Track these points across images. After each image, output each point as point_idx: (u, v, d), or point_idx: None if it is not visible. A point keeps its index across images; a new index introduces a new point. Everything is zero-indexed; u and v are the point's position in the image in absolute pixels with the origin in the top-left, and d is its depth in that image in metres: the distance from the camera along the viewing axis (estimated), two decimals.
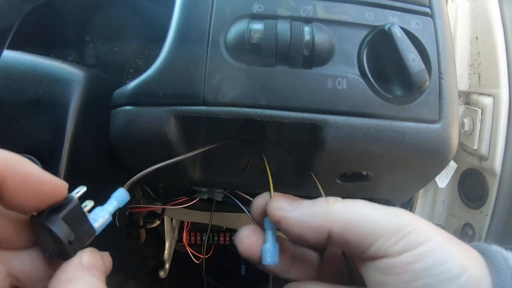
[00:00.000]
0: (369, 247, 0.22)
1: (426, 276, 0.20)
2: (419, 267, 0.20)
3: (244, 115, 0.25)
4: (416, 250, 0.21)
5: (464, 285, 0.19)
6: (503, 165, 0.52)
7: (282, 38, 0.24)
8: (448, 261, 0.20)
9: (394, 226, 0.21)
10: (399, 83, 0.25)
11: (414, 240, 0.21)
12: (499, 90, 0.51)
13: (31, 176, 0.18)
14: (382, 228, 0.22)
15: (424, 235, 0.21)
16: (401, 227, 0.21)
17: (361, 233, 0.22)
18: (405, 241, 0.21)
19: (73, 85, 0.29)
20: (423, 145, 0.25)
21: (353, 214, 0.22)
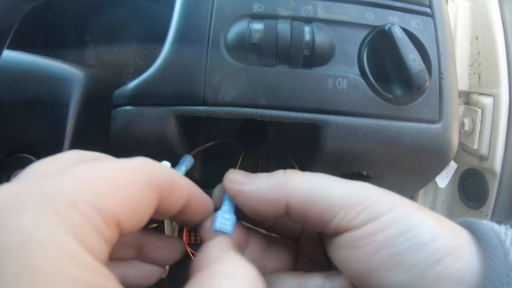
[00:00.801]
0: (330, 222, 0.21)
1: (389, 246, 0.18)
2: (381, 238, 0.19)
3: (244, 115, 0.25)
4: (378, 221, 0.19)
5: (435, 253, 0.17)
6: (503, 165, 0.52)
7: (282, 38, 0.24)
8: (414, 228, 0.18)
9: (355, 199, 0.20)
10: (399, 83, 0.25)
11: (376, 211, 0.19)
12: (499, 90, 0.51)
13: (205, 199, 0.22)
14: (342, 201, 0.20)
15: (387, 205, 0.19)
16: (363, 199, 0.20)
17: (321, 207, 0.20)
18: (366, 212, 0.20)
19: (73, 85, 0.29)
20: (423, 145, 0.25)
21: (312, 187, 0.21)
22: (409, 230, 0.18)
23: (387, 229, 0.19)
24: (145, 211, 0.16)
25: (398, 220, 0.19)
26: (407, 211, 0.19)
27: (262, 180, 0.22)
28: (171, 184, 0.18)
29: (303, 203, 0.21)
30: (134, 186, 0.16)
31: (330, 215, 0.20)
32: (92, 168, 0.15)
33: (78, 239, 0.13)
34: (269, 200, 0.21)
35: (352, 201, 0.20)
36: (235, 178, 0.23)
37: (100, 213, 0.14)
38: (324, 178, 0.21)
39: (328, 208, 0.20)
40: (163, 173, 0.18)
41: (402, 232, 0.18)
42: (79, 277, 0.12)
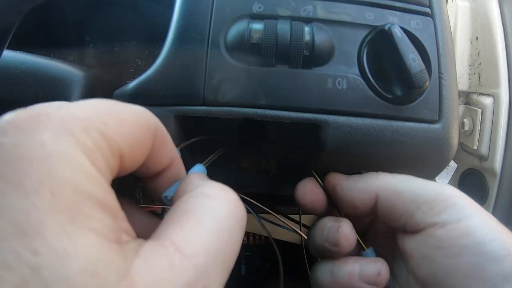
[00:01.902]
0: (414, 214, 0.22)
1: (471, 253, 0.19)
2: (465, 243, 0.20)
3: (244, 115, 0.25)
4: (462, 224, 0.20)
5: (507, 269, 0.19)
6: (503, 165, 0.52)
7: (282, 38, 0.24)
8: (493, 241, 0.19)
9: (438, 195, 0.22)
10: (399, 83, 0.25)
11: (458, 213, 0.21)
12: (499, 90, 0.51)
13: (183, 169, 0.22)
14: (426, 195, 0.22)
15: (467, 209, 0.21)
16: (445, 197, 0.21)
17: (406, 198, 0.22)
18: (449, 211, 0.21)
19: (73, 85, 0.29)
20: (423, 145, 0.25)
21: (399, 181, 0.24)
22: (489, 243, 0.19)
23: (470, 235, 0.20)
24: (142, 152, 0.17)
25: (478, 229, 0.20)
26: (485, 221, 0.20)
27: (356, 176, 0.26)
28: (163, 137, 0.19)
29: (391, 193, 0.23)
30: (137, 126, 0.17)
31: (414, 206, 0.22)
32: (104, 102, 0.16)
33: (91, 160, 0.14)
34: (362, 190, 0.24)
35: (435, 196, 0.22)
36: (336, 175, 0.27)
37: (108, 143, 0.15)
38: (410, 177, 0.24)
39: (412, 199, 0.22)
40: (159, 125, 0.18)
41: (482, 243, 0.19)
42: (92, 192, 0.13)
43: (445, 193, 0.22)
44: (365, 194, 0.24)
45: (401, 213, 0.23)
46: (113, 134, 0.15)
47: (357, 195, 0.25)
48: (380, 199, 0.24)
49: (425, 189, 0.22)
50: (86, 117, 0.15)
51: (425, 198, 0.22)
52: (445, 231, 0.21)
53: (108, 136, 0.15)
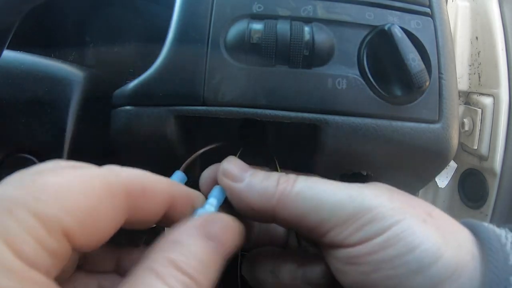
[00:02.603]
0: (323, 236, 0.19)
1: (389, 267, 0.17)
2: (380, 258, 0.18)
3: (244, 115, 0.25)
4: (378, 239, 0.18)
5: (434, 277, 0.17)
6: (503, 165, 0.52)
7: (282, 38, 0.24)
8: (416, 248, 0.17)
9: (352, 213, 0.18)
10: (399, 83, 0.25)
11: (376, 228, 0.18)
12: (499, 90, 0.51)
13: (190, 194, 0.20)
14: (338, 216, 0.18)
15: (389, 220, 0.18)
16: (362, 213, 0.18)
17: (313, 222, 0.19)
18: (364, 230, 0.18)
19: (73, 85, 0.29)
20: (423, 145, 0.25)
21: (303, 201, 0.19)
22: (410, 252, 0.17)
23: (387, 248, 0.18)
24: (105, 221, 0.15)
25: (399, 239, 0.17)
26: (410, 227, 0.18)
27: (255, 181, 0.20)
28: (142, 189, 0.17)
29: (292, 218, 0.19)
30: (87, 194, 0.14)
31: (322, 230, 0.19)
32: (41, 175, 0.14)
33: (11, 246, 0.12)
34: (256, 208, 0.20)
35: (348, 216, 0.18)
36: (230, 172, 0.21)
37: (42, 221, 0.13)
38: (319, 189, 0.19)
39: (319, 223, 0.19)
40: (130, 179, 0.16)
41: (402, 254, 0.17)
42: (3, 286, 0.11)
43: (360, 209, 0.18)
44: (260, 212, 0.20)
45: (306, 234, 0.20)
46: (48, 210, 0.13)
47: (251, 212, 0.20)
48: (280, 220, 0.20)
49: (335, 210, 0.19)
50: (11, 196, 0.13)
51: (336, 220, 0.18)
52: (358, 249, 0.18)
53: (41, 213, 0.13)
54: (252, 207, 0.20)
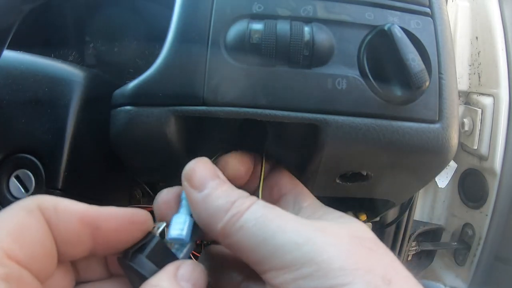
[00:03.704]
0: (261, 274, 0.18)
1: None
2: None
3: (244, 115, 0.25)
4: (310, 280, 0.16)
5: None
6: (503, 165, 0.52)
7: (282, 38, 0.24)
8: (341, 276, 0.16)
9: (292, 262, 0.17)
10: (399, 83, 0.25)
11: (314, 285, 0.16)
12: (499, 90, 0.51)
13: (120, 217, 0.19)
14: (277, 259, 0.17)
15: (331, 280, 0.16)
16: (302, 264, 0.16)
17: (252, 258, 0.18)
18: (299, 283, 0.16)
19: (73, 85, 0.29)
20: (423, 145, 0.25)
21: (246, 235, 0.18)
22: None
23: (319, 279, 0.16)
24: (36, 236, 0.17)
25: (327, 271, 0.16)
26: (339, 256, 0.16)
27: (212, 197, 0.20)
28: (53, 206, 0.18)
29: (233, 249, 0.19)
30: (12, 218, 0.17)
31: (260, 269, 0.18)
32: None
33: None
34: (205, 225, 0.20)
35: (288, 264, 0.17)
36: (192, 176, 0.20)
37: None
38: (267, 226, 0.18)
39: (258, 262, 0.18)
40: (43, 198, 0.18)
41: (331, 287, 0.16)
42: None
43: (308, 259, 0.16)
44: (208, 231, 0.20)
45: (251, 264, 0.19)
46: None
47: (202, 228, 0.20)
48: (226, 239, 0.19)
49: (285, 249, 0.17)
50: None
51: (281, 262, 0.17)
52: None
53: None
54: (201, 222, 0.20)
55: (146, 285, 0.18)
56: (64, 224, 0.18)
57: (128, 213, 0.19)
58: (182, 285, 0.18)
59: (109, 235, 0.19)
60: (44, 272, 0.17)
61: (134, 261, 0.19)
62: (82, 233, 0.18)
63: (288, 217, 0.19)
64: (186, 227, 0.20)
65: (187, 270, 0.19)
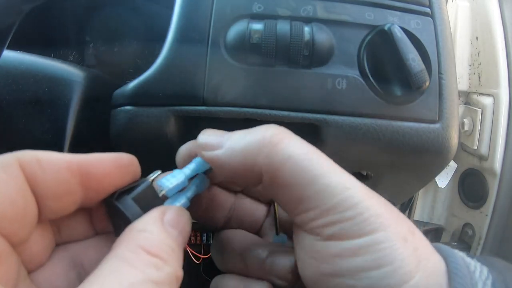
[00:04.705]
0: (298, 214, 0.18)
1: (351, 277, 0.16)
2: (345, 265, 0.16)
3: (244, 115, 0.25)
4: (350, 243, 0.16)
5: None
6: (503, 165, 0.52)
7: (282, 38, 0.24)
8: (387, 266, 0.16)
9: (337, 204, 0.16)
10: (399, 83, 0.25)
11: (353, 230, 0.16)
12: (499, 90, 0.51)
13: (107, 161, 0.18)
14: (322, 200, 0.17)
15: (370, 225, 0.16)
16: (346, 208, 0.16)
17: (294, 195, 0.17)
18: (340, 226, 0.16)
19: (73, 85, 0.29)
20: (423, 145, 0.25)
21: (293, 168, 0.17)
22: (379, 268, 0.16)
23: (356, 256, 0.16)
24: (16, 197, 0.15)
25: (372, 251, 0.16)
26: (388, 240, 0.16)
27: (236, 141, 0.18)
28: (36, 159, 0.16)
29: (275, 182, 0.18)
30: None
31: (299, 208, 0.17)
32: None
33: None
34: (240, 169, 0.18)
35: (333, 206, 0.16)
36: (207, 142, 0.19)
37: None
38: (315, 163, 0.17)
39: (299, 199, 0.17)
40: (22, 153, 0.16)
41: (370, 267, 0.16)
42: None
43: (352, 204, 0.16)
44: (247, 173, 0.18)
45: (290, 201, 0.18)
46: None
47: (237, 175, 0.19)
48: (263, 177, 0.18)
49: (319, 191, 0.17)
50: None
51: (316, 203, 0.17)
52: (328, 245, 0.17)
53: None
54: (235, 170, 0.18)
55: (131, 230, 0.16)
56: (51, 175, 0.16)
57: (114, 156, 0.18)
58: (170, 231, 0.17)
59: (99, 181, 0.18)
60: (18, 235, 0.16)
61: (120, 201, 0.18)
62: (72, 183, 0.17)
63: (331, 161, 0.18)
64: (175, 182, 0.20)
65: (173, 216, 0.18)
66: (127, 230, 0.17)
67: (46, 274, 0.18)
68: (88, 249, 0.19)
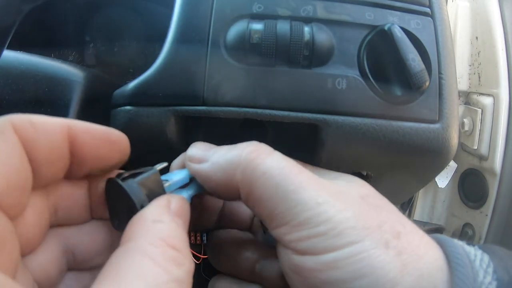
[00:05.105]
0: (273, 229, 0.18)
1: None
2: (325, 278, 0.16)
3: (244, 115, 0.25)
4: (326, 256, 0.16)
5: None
6: (503, 165, 0.52)
7: (282, 38, 0.24)
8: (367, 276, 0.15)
9: (309, 218, 0.16)
10: (399, 83, 0.25)
11: (327, 243, 0.16)
12: (499, 90, 0.51)
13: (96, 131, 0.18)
14: (294, 215, 0.17)
15: (344, 238, 0.16)
16: (318, 222, 0.16)
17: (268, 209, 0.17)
18: (313, 241, 0.16)
19: (73, 85, 0.29)
20: (423, 145, 0.25)
21: (267, 183, 0.17)
22: (359, 278, 0.15)
23: (334, 269, 0.16)
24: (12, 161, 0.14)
25: (350, 262, 0.16)
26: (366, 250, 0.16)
27: (218, 156, 0.19)
28: (29, 121, 0.15)
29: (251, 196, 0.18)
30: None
31: (274, 222, 0.17)
32: None
33: None
34: (221, 183, 0.19)
35: (305, 221, 0.16)
36: (194, 156, 0.20)
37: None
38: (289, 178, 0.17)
39: (273, 213, 0.17)
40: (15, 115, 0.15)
41: (349, 279, 0.16)
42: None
43: (325, 218, 0.16)
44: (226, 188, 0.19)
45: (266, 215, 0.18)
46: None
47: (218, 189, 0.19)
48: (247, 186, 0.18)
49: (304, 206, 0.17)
50: None
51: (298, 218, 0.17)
52: (306, 260, 0.17)
53: None
54: (217, 184, 0.19)
55: (145, 220, 0.16)
56: (46, 139, 0.16)
57: (104, 129, 0.18)
58: (177, 221, 0.17)
59: (87, 150, 0.17)
60: (16, 206, 0.15)
61: (125, 182, 0.18)
62: (63, 147, 0.16)
63: (308, 174, 0.18)
64: (180, 176, 0.20)
65: (178, 205, 0.18)
66: (139, 220, 0.16)
67: (39, 259, 0.17)
68: (81, 235, 0.19)
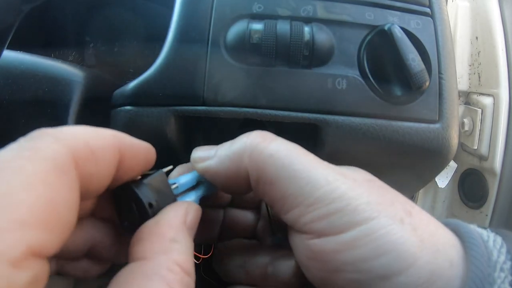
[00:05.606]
0: (286, 213, 0.17)
1: (352, 270, 0.16)
2: (344, 258, 0.16)
3: (244, 115, 0.25)
4: (344, 236, 0.16)
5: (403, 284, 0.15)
6: (503, 165, 0.52)
7: (282, 38, 0.24)
8: (387, 253, 0.15)
9: (322, 197, 0.16)
10: (399, 83, 0.25)
11: (344, 221, 0.16)
12: (499, 90, 0.51)
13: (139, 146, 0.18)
14: (306, 195, 0.16)
15: (361, 215, 0.16)
16: (332, 200, 0.16)
17: (279, 193, 0.17)
18: (330, 219, 0.16)
19: (73, 85, 0.29)
20: (423, 145, 0.25)
21: (275, 165, 0.17)
22: (379, 256, 0.15)
23: (353, 249, 0.16)
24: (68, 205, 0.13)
25: (368, 240, 0.15)
26: (384, 227, 0.15)
27: (223, 149, 0.19)
28: (91, 151, 0.14)
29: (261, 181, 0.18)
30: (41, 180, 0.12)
31: (286, 205, 0.17)
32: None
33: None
34: (230, 175, 0.18)
35: (318, 200, 0.16)
36: (200, 156, 0.20)
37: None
38: (297, 159, 0.17)
39: (285, 196, 0.17)
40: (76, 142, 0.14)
41: (370, 258, 0.15)
42: None
43: (332, 194, 0.16)
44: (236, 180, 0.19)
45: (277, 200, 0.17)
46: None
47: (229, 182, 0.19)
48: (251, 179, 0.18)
49: (303, 186, 0.16)
50: None
51: (298, 199, 0.16)
52: (321, 242, 0.16)
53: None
54: (226, 176, 0.19)
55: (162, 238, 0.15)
56: (104, 169, 0.15)
57: (146, 146, 0.18)
58: (191, 235, 0.17)
59: (129, 167, 0.17)
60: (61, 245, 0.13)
61: (136, 185, 0.18)
62: (114, 166, 0.16)
63: (314, 156, 0.18)
64: (187, 178, 0.21)
65: (193, 216, 0.17)
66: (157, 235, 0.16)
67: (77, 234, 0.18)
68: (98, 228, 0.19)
